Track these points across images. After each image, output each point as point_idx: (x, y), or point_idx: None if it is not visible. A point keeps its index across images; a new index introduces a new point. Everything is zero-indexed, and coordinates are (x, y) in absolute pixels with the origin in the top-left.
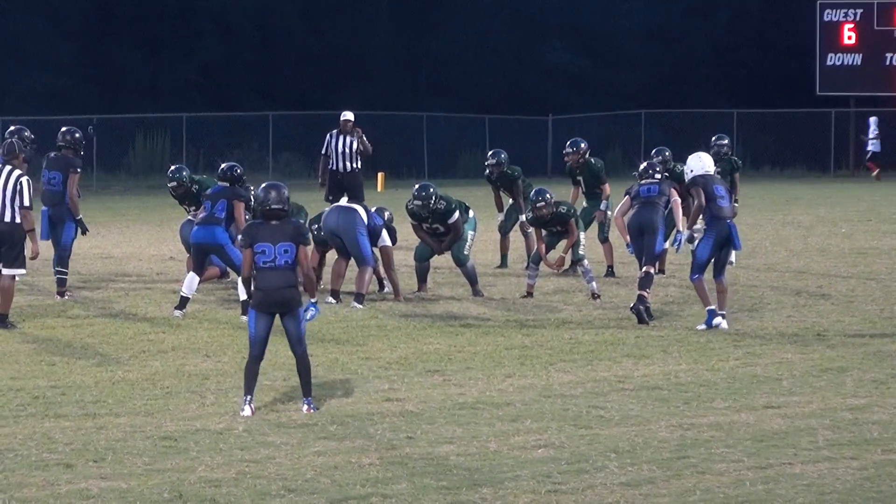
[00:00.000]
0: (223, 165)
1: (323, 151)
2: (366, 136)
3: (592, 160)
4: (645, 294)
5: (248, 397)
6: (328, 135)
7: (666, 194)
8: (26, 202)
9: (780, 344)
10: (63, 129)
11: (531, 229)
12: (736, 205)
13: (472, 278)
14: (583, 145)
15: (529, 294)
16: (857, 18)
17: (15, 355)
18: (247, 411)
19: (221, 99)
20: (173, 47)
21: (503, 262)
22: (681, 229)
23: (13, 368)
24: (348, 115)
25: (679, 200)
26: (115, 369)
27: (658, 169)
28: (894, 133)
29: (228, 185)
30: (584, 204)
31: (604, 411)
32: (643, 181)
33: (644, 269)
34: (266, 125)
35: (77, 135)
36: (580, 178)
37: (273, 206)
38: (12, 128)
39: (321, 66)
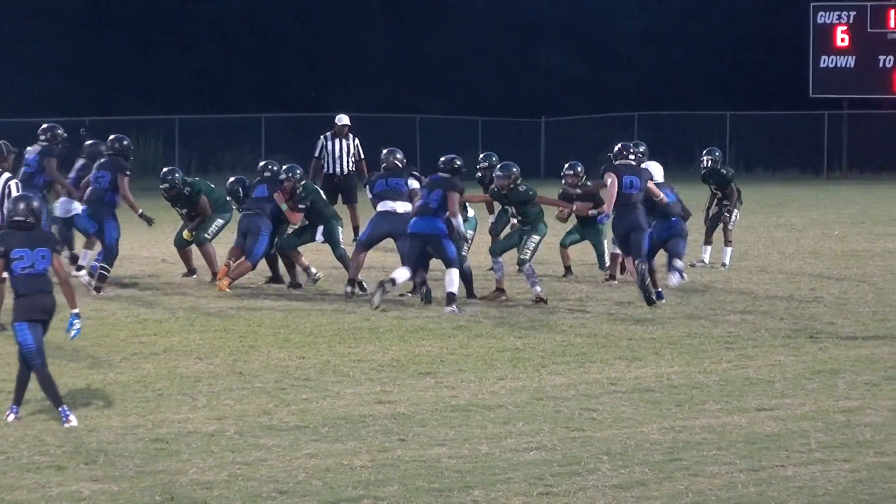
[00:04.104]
0: (443, 158)
1: (316, 154)
2: (359, 140)
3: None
4: (650, 277)
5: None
6: (321, 137)
7: (642, 190)
8: None
9: (773, 346)
10: (111, 136)
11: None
12: (728, 214)
13: (466, 280)
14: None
15: (500, 290)
16: (851, 21)
17: (6, 357)
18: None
19: (214, 101)
20: (167, 49)
21: None
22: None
23: (4, 370)
24: (344, 119)
25: (663, 196)
26: (107, 371)
27: (632, 151)
28: (890, 135)
29: (449, 175)
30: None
31: (596, 413)
32: (618, 161)
33: (637, 263)
34: (259, 127)
35: (125, 142)
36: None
37: (16, 218)
38: (45, 125)
39: (314, 68)
